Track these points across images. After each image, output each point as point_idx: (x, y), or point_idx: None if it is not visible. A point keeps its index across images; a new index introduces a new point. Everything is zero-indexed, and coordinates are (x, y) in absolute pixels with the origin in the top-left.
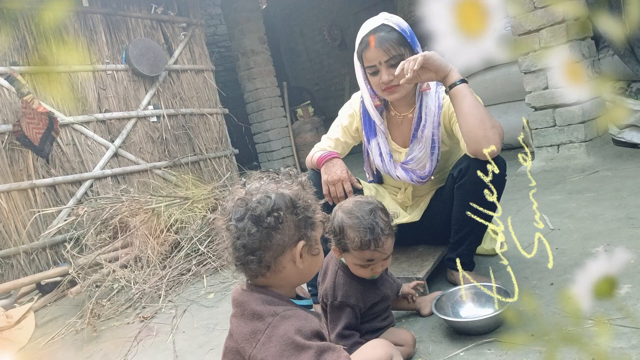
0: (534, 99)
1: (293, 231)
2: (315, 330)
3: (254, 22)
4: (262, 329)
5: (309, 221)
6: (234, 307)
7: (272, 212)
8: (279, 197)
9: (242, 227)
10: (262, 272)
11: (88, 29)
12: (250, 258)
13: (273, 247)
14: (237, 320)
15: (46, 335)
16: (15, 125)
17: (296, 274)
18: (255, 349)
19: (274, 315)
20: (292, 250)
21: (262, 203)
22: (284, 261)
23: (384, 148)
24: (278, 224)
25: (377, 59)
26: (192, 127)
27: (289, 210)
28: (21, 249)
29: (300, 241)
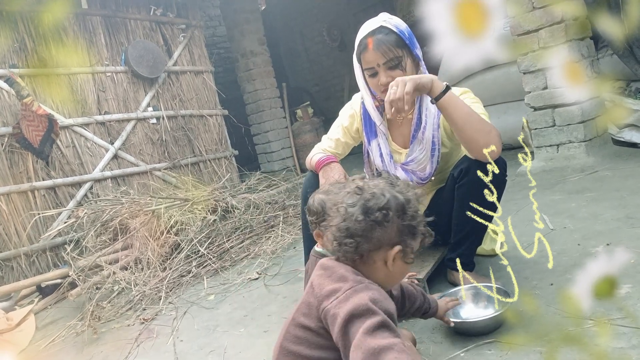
0: (533, 99)
1: (394, 234)
2: (390, 313)
3: (253, 23)
4: (343, 288)
5: (412, 230)
6: (319, 270)
7: (382, 209)
8: (392, 198)
9: (351, 212)
10: (354, 259)
11: (87, 31)
12: (349, 241)
13: (372, 240)
14: (320, 278)
15: (47, 338)
16: (15, 128)
17: (383, 274)
18: (331, 304)
19: (359, 282)
20: (388, 250)
21: (376, 198)
22: (376, 256)
23: (385, 149)
24: (384, 221)
25: (375, 62)
26: (192, 129)
27: (397, 213)
28: (21, 251)
29: (398, 245)
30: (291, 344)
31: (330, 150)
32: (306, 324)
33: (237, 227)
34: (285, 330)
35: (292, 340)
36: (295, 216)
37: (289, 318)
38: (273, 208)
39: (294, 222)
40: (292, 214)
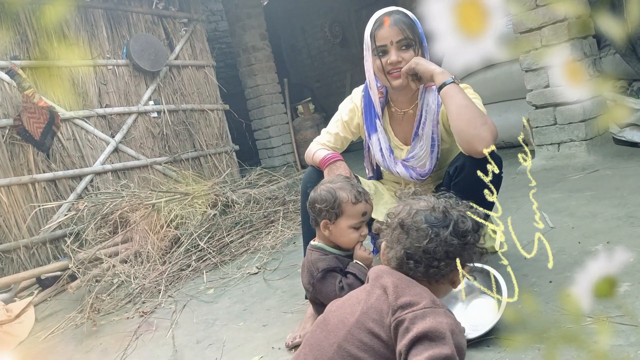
0: (535, 97)
1: (470, 255)
2: (461, 349)
3: (255, 19)
4: (422, 304)
5: (479, 251)
6: (393, 277)
7: (474, 231)
8: (472, 220)
9: (443, 236)
10: (437, 279)
11: (89, 23)
12: (440, 264)
13: (452, 262)
14: (396, 288)
15: (46, 330)
16: (16, 120)
17: (444, 291)
18: (406, 315)
19: (440, 306)
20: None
21: (464, 221)
22: (452, 275)
23: (384, 144)
24: (473, 244)
25: (389, 38)
26: (193, 123)
27: (476, 236)
28: (21, 243)
29: (467, 265)
30: (355, 348)
31: (329, 145)
32: (376, 332)
33: (237, 222)
34: (348, 332)
35: (357, 344)
36: (295, 212)
37: (353, 319)
38: (273, 203)
39: (293, 217)
40: (292, 210)
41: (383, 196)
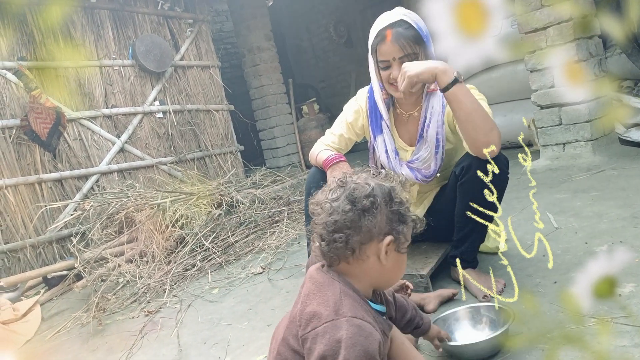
0: (540, 98)
1: (384, 223)
2: (369, 353)
3: (260, 19)
4: (324, 318)
5: (402, 217)
6: (308, 283)
7: (369, 196)
8: (378, 186)
9: (336, 206)
10: (346, 255)
11: (95, 24)
12: (338, 236)
13: (362, 230)
14: (307, 296)
15: (52, 328)
16: (23, 120)
17: (378, 271)
18: (309, 334)
19: (342, 315)
20: (380, 242)
21: (361, 187)
22: (368, 250)
23: (390, 145)
24: (372, 208)
25: (391, 54)
26: (198, 123)
27: (384, 201)
28: (28, 242)
29: (389, 236)
30: None
31: (333, 146)
32: (296, 348)
33: (241, 222)
34: (277, 351)
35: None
36: (299, 212)
37: (281, 335)
38: (278, 203)
39: (298, 217)
40: (297, 210)
41: None
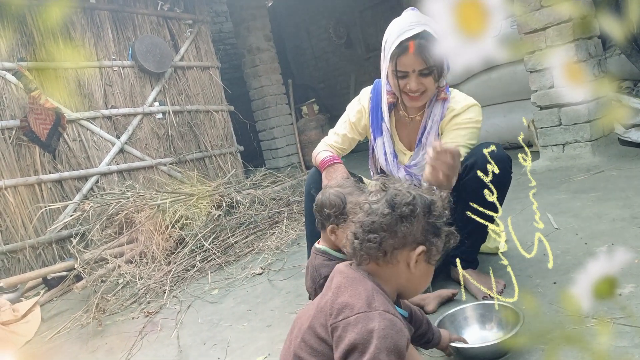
0: (540, 98)
1: (419, 233)
2: (399, 347)
3: (259, 20)
4: (356, 308)
5: (437, 230)
6: (340, 277)
7: (409, 204)
8: (419, 196)
9: (376, 208)
10: (377, 256)
11: (95, 25)
12: (373, 236)
13: (397, 235)
14: (339, 287)
15: (52, 329)
16: (22, 121)
17: (405, 277)
18: (340, 322)
19: (375, 308)
20: (412, 250)
21: (402, 194)
22: (399, 256)
23: (389, 148)
24: (411, 216)
25: (411, 67)
26: (198, 124)
27: (423, 212)
28: (28, 243)
29: (421, 246)
30: (307, 354)
31: (337, 146)
32: (323, 336)
33: (241, 223)
34: (301, 338)
35: (308, 351)
36: (299, 212)
37: (306, 324)
38: (277, 204)
39: (298, 218)
40: (297, 210)
41: None
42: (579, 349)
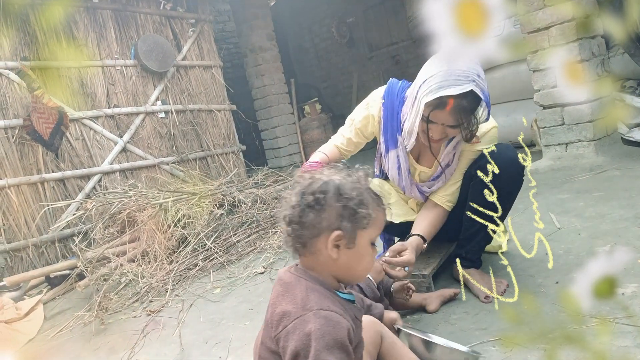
0: (543, 98)
1: (333, 218)
2: (339, 341)
3: (262, 19)
4: (292, 315)
5: (354, 214)
6: (277, 285)
7: (316, 192)
8: (330, 181)
9: (288, 200)
10: (298, 248)
11: (97, 24)
12: (289, 229)
13: (307, 225)
14: (276, 297)
15: (55, 327)
16: (25, 120)
17: (333, 264)
18: (281, 334)
19: (309, 309)
20: (328, 236)
21: (314, 182)
22: (318, 244)
23: (404, 163)
24: (316, 204)
25: (442, 121)
26: (200, 123)
27: (334, 197)
28: (30, 242)
29: (337, 231)
30: None
31: (342, 148)
32: (274, 349)
33: (243, 222)
34: (259, 355)
35: None
36: None
37: (259, 341)
38: (279, 203)
39: None
40: None
41: (391, 196)
42: (581, 348)
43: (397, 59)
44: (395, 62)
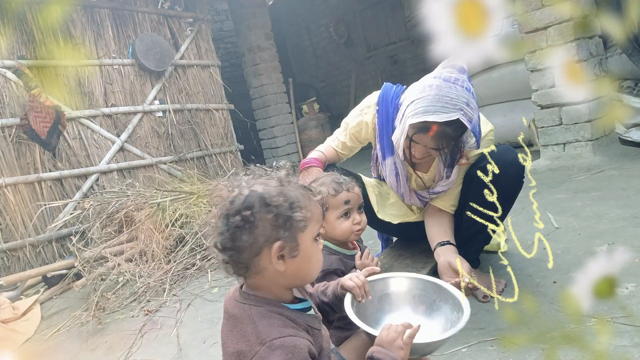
0: (541, 98)
1: (269, 231)
2: None
3: (260, 18)
4: (249, 355)
5: (289, 220)
6: (224, 319)
7: (241, 210)
8: (251, 194)
9: (214, 226)
10: (241, 273)
11: (95, 23)
12: (225, 257)
13: (243, 247)
14: (225, 334)
15: (52, 327)
16: (22, 119)
17: (282, 277)
18: None
19: (262, 343)
20: (269, 250)
21: (236, 200)
22: (261, 262)
23: (402, 171)
24: (245, 223)
25: (424, 143)
26: (198, 123)
27: (262, 209)
28: (28, 241)
29: (277, 242)
30: None
31: (338, 150)
32: None
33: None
34: None
35: None
36: None
37: None
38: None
39: None
40: None
41: (389, 197)
42: (579, 348)
43: (395, 58)
44: (393, 61)
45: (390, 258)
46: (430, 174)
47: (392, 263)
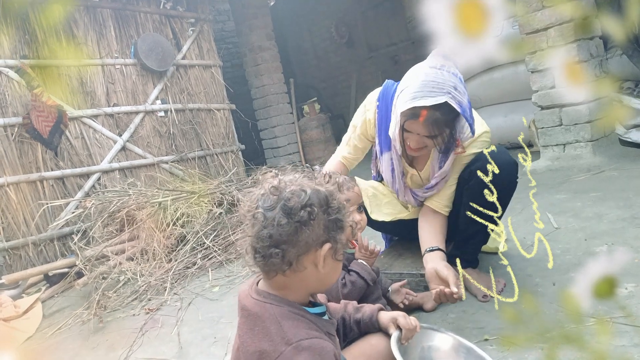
0: (541, 98)
1: (322, 231)
2: None
3: (261, 19)
4: (273, 355)
5: (339, 224)
6: (243, 317)
7: (306, 206)
8: (314, 192)
9: (271, 217)
10: (283, 269)
11: (97, 23)
12: (275, 251)
13: (299, 243)
14: (244, 334)
15: (53, 326)
16: (25, 118)
17: (315, 279)
18: None
19: (288, 343)
20: (317, 251)
21: (297, 195)
22: (306, 261)
23: (397, 167)
24: (310, 219)
25: (416, 131)
26: (200, 123)
27: (322, 209)
28: (29, 240)
29: (327, 243)
30: None
31: (349, 157)
32: None
33: (242, 221)
34: None
35: None
36: None
37: None
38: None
39: None
40: None
41: (385, 197)
42: (579, 348)
43: (396, 59)
44: (394, 62)
45: (391, 257)
46: (426, 172)
47: (392, 262)
